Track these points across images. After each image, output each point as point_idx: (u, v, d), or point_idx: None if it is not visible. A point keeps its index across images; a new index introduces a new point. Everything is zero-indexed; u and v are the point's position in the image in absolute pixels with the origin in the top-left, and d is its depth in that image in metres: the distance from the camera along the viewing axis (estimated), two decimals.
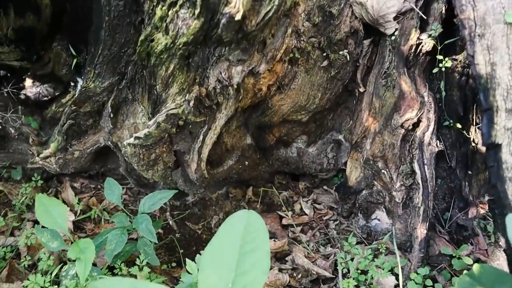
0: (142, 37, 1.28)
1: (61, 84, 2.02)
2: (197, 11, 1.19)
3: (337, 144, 1.99)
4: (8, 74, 2.06)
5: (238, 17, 1.12)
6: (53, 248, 1.43)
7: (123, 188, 2.06)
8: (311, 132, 1.94)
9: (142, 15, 1.34)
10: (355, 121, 1.82)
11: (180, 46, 1.25)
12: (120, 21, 1.36)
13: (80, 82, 1.90)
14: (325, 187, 2.14)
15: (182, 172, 1.76)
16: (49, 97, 2.09)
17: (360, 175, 1.77)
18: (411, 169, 1.56)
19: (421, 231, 1.54)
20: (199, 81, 1.39)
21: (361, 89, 1.78)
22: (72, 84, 1.97)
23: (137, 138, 1.38)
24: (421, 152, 1.54)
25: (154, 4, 1.24)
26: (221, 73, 1.38)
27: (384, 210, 1.76)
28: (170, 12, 1.22)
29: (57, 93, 2.07)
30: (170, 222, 1.92)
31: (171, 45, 1.26)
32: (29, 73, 2.05)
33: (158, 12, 1.23)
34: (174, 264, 1.66)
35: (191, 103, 1.35)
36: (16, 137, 2.01)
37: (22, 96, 2.07)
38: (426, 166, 1.53)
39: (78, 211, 1.84)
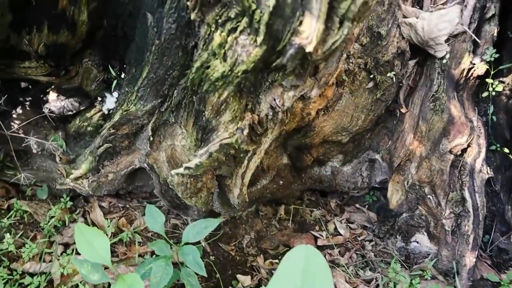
0: (197, 64, 1.20)
1: (87, 98, 1.92)
2: (259, 39, 1.11)
3: (372, 162, 1.94)
4: (30, 86, 1.95)
5: (309, 49, 1.04)
6: (93, 281, 1.34)
7: None
8: (348, 151, 1.88)
9: (195, 38, 1.25)
10: (395, 142, 1.76)
11: (239, 74, 1.17)
12: (169, 44, 1.27)
13: (110, 98, 1.81)
14: (357, 205, 2.09)
15: (219, 194, 1.69)
16: (74, 111, 1.99)
17: (402, 198, 1.72)
18: (461, 196, 1.51)
19: (470, 259, 1.50)
20: (251, 107, 1.32)
21: (403, 110, 1.72)
22: (99, 99, 1.87)
23: (187, 168, 1.30)
24: (472, 179, 1.49)
25: (212, 29, 1.16)
26: (274, 100, 1.31)
27: (424, 233, 1.71)
28: (229, 38, 1.14)
29: (82, 108, 1.97)
30: (203, 244, 1.84)
31: (229, 73, 1.18)
32: (53, 86, 1.95)
33: (217, 38, 1.15)
34: None
35: (245, 132, 1.27)
36: (40, 153, 1.91)
37: (46, 110, 1.97)
38: (477, 194, 1.48)
39: (109, 234, 1.75)
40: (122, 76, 1.65)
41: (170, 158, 1.58)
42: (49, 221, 1.73)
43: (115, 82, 1.54)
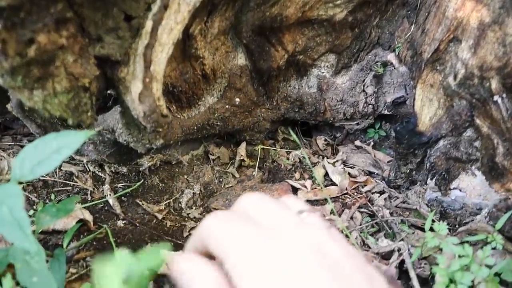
0: None
1: None
2: None
3: (378, 74, 1.16)
4: None
5: None
6: None
7: None
8: (344, 47, 1.10)
9: None
10: (423, 23, 0.99)
11: None
12: None
13: None
14: (357, 142, 1.32)
15: (122, 109, 0.90)
16: None
17: (439, 112, 0.96)
18: None
19: None
20: None
21: None
22: None
23: None
24: None
25: None
26: None
27: (477, 172, 0.95)
28: None
29: None
30: (111, 201, 1.06)
31: None
32: None
33: None
34: None
35: None
36: None
37: None
38: None
39: None
40: None
41: None
42: None
43: None
